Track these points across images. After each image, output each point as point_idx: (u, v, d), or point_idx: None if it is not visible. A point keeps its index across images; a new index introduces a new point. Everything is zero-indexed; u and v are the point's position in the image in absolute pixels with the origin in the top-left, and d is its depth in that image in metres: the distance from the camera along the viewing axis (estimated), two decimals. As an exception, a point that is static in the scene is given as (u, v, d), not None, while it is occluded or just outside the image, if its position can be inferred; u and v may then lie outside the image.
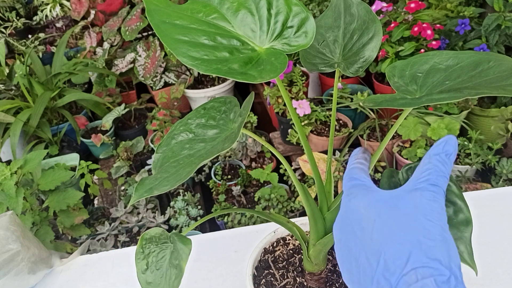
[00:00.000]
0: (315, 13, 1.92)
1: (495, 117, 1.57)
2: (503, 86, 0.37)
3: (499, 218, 0.87)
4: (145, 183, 0.46)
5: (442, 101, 0.38)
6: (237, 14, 0.46)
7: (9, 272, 0.77)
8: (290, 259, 0.67)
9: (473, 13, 1.65)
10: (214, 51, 0.41)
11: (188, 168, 0.44)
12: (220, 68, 0.39)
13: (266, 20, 0.46)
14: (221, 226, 1.60)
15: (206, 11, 0.46)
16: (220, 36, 0.43)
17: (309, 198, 0.55)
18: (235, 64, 0.40)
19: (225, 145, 0.43)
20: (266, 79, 0.39)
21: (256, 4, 0.47)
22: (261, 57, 0.42)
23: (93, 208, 1.67)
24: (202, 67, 0.39)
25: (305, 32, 0.44)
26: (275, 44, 0.45)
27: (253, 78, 0.39)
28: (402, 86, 0.45)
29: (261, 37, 0.45)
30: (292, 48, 0.44)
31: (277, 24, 0.46)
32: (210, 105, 0.55)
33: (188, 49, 0.40)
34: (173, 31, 0.41)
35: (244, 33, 0.45)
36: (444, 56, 0.47)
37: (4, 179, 1.16)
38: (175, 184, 0.43)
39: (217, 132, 0.52)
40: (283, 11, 0.46)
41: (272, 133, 1.99)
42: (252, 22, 0.46)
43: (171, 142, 0.52)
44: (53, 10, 2.90)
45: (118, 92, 2.28)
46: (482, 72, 0.42)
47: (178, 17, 0.43)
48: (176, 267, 0.52)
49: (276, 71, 0.40)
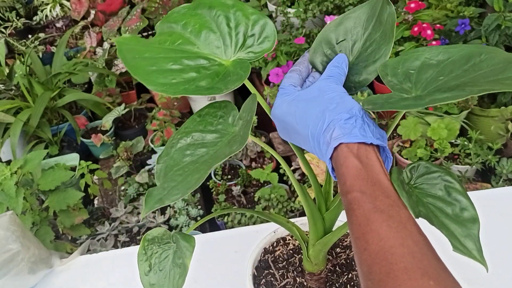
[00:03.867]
0: (315, 13, 1.92)
1: (495, 117, 1.56)
2: (501, 80, 0.37)
3: (499, 218, 0.88)
4: (153, 194, 0.46)
5: (446, 101, 0.38)
6: (200, 35, 0.49)
7: (9, 272, 0.77)
8: (290, 259, 0.67)
9: (473, 13, 1.65)
10: (181, 74, 0.43)
11: (196, 174, 0.44)
12: (188, 88, 0.42)
13: (227, 34, 0.49)
14: (221, 226, 1.60)
15: (172, 39, 0.48)
16: (187, 58, 0.46)
17: (308, 198, 0.55)
18: (203, 81, 0.43)
19: (233, 148, 0.44)
20: (232, 88, 0.42)
21: (215, 22, 0.49)
22: (228, 69, 0.45)
23: (93, 208, 1.67)
24: (171, 90, 0.41)
25: (266, 37, 0.48)
26: (240, 54, 0.47)
27: (219, 90, 0.42)
28: (397, 84, 0.45)
29: (227, 51, 0.48)
30: (257, 54, 0.47)
31: (239, 36, 0.48)
32: (205, 112, 0.54)
33: (157, 77, 0.42)
34: (143, 64, 0.44)
35: (210, 51, 0.48)
36: (434, 51, 0.47)
37: (4, 179, 1.16)
38: (186, 192, 0.43)
39: (217, 136, 0.51)
40: (242, 22, 0.49)
41: (272, 133, 1.99)
42: (215, 39, 0.49)
43: (170, 151, 0.52)
44: (53, 10, 2.90)
45: (118, 92, 2.28)
46: (475, 66, 0.42)
47: (146, 51, 0.46)
48: (179, 266, 0.52)
49: (241, 78, 0.43)
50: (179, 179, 0.46)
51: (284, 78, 0.52)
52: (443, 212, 0.45)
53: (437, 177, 0.48)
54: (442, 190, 0.47)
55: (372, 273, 0.35)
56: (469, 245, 0.42)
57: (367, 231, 0.37)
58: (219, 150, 0.48)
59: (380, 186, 0.39)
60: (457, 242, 0.42)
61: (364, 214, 0.38)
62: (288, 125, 0.47)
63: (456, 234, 0.43)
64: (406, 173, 0.49)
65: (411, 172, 0.49)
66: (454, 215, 0.44)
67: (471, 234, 0.43)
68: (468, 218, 0.44)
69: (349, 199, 0.39)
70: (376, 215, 0.37)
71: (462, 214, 0.44)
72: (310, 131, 0.44)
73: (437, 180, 0.47)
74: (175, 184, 0.46)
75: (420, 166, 0.49)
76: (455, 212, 0.45)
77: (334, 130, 0.41)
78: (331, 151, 0.42)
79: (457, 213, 0.45)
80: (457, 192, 0.46)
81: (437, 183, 0.47)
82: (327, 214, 0.57)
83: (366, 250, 0.36)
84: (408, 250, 0.34)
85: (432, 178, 0.48)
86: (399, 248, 0.35)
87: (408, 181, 0.49)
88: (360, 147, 0.41)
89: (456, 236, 0.43)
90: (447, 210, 0.45)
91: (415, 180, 0.49)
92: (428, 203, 0.46)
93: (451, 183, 0.47)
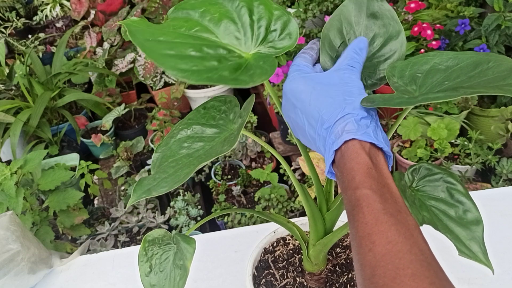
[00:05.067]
0: (315, 13, 1.93)
1: (495, 117, 1.56)
2: (500, 86, 0.37)
3: (499, 218, 0.88)
4: (143, 183, 0.46)
5: (438, 100, 0.38)
6: (219, 24, 0.47)
7: (9, 272, 0.77)
8: (290, 259, 0.67)
9: (473, 13, 1.65)
10: (203, 61, 0.41)
11: (186, 169, 0.44)
12: (211, 77, 0.39)
13: (249, 26, 0.47)
14: (221, 226, 1.59)
15: (188, 26, 0.46)
16: (206, 46, 0.44)
17: (308, 198, 0.55)
18: (225, 72, 0.40)
19: (224, 148, 0.44)
20: (258, 82, 0.40)
21: (238, 12, 0.47)
22: (249, 62, 0.43)
23: (93, 208, 1.67)
24: (193, 78, 0.39)
25: (289, 34, 0.46)
26: (261, 48, 0.46)
27: (244, 82, 0.40)
28: (402, 86, 0.45)
29: (247, 43, 0.46)
30: (278, 50, 0.45)
31: (261, 29, 0.46)
32: (210, 104, 0.55)
33: (176, 62, 0.40)
34: (158, 47, 0.41)
35: (229, 41, 0.46)
36: (444, 56, 0.47)
37: (4, 179, 1.16)
38: (173, 186, 0.43)
39: (216, 131, 0.51)
40: (265, 16, 0.47)
41: (272, 133, 1.99)
42: (235, 30, 0.47)
43: (170, 141, 0.52)
44: (53, 10, 2.90)
45: (118, 92, 2.28)
46: (481, 73, 0.42)
47: (161, 34, 0.43)
48: (180, 267, 0.52)
49: (267, 73, 0.41)
50: (171, 171, 0.47)
51: (297, 57, 0.51)
52: (446, 215, 0.45)
53: (439, 179, 0.48)
54: (444, 192, 0.47)
55: (375, 276, 0.34)
56: (474, 248, 0.42)
57: (374, 232, 0.35)
58: (213, 147, 0.48)
59: (388, 189, 0.39)
60: (462, 246, 0.42)
61: (373, 213, 0.36)
62: (298, 102, 0.46)
63: (461, 237, 0.43)
64: (408, 176, 0.49)
65: (412, 175, 0.49)
66: (457, 218, 0.44)
67: (475, 237, 0.43)
68: (472, 220, 0.44)
69: (358, 195, 0.38)
70: (386, 217, 0.36)
71: (466, 216, 0.44)
72: (321, 115, 0.43)
73: (439, 182, 0.47)
74: (165, 176, 0.46)
75: (422, 168, 0.49)
76: (458, 214, 0.45)
77: (348, 124, 0.41)
78: (340, 143, 0.41)
79: (461, 215, 0.44)
80: (459, 194, 0.46)
81: (439, 185, 0.47)
82: (328, 214, 0.57)
83: (371, 251, 0.35)
84: (416, 257, 0.33)
85: (434, 180, 0.48)
86: (407, 254, 0.33)
87: (410, 184, 0.49)
88: (371, 148, 0.40)
89: (461, 240, 0.43)
90: (450, 213, 0.45)
91: (417, 182, 0.49)
92: (431, 206, 0.46)
93: (453, 184, 0.47)
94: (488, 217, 0.87)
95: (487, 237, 0.81)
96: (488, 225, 0.84)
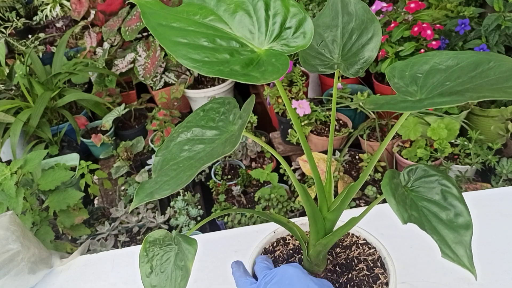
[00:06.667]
0: (315, 13, 1.93)
1: (495, 117, 1.56)
2: (504, 88, 0.37)
3: (499, 218, 0.88)
4: (145, 187, 0.46)
5: (444, 105, 0.38)
6: (234, 16, 0.46)
7: (9, 272, 0.77)
8: (290, 259, 0.67)
9: (473, 13, 1.65)
10: (215, 53, 0.40)
11: (188, 172, 0.44)
12: (222, 70, 0.38)
13: (264, 21, 0.45)
14: (221, 226, 1.59)
15: (203, 13, 0.45)
16: (219, 38, 0.43)
17: (309, 198, 0.55)
18: (237, 66, 0.40)
19: (226, 149, 0.43)
20: (269, 80, 0.39)
21: (254, 6, 0.46)
22: (261, 58, 0.42)
23: (93, 208, 1.67)
24: (204, 69, 0.38)
25: (303, 33, 0.44)
26: (274, 45, 0.44)
27: (256, 79, 0.39)
28: (402, 87, 0.45)
29: (260, 38, 0.45)
30: (291, 49, 0.44)
31: (275, 25, 0.45)
32: (209, 107, 0.55)
33: (188, 51, 0.39)
34: (171, 33, 0.41)
35: (242, 34, 0.45)
36: (444, 56, 0.47)
37: (4, 179, 1.16)
38: (176, 188, 0.43)
39: (216, 133, 0.51)
40: (281, 12, 0.46)
41: (272, 133, 1.99)
42: (250, 23, 0.45)
43: (170, 144, 0.52)
44: (53, 10, 2.90)
45: (118, 92, 2.28)
46: (482, 73, 0.42)
47: (175, 20, 0.43)
48: (181, 268, 0.52)
49: (279, 72, 0.40)
50: (173, 174, 0.46)
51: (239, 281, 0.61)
52: (437, 217, 0.45)
53: (435, 181, 0.48)
54: (438, 194, 0.47)
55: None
56: (459, 252, 0.42)
57: None
58: (215, 149, 0.48)
59: None
60: (447, 249, 0.42)
61: None
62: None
63: (448, 240, 0.42)
64: (403, 176, 0.49)
65: (408, 175, 0.49)
66: (448, 221, 0.44)
67: (463, 240, 0.43)
68: (462, 224, 0.44)
69: None
70: None
71: (457, 219, 0.44)
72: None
73: (434, 184, 0.47)
74: (167, 179, 0.46)
75: (418, 169, 0.49)
76: (449, 217, 0.44)
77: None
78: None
79: (451, 218, 0.44)
80: (453, 197, 0.46)
81: (434, 187, 0.47)
82: (328, 214, 0.57)
83: None
84: None
85: (430, 182, 0.48)
86: None
87: (405, 183, 0.49)
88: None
89: (447, 242, 0.42)
90: (441, 215, 0.45)
91: (412, 183, 0.49)
92: (422, 207, 0.45)
93: (448, 187, 0.47)
94: (488, 217, 0.87)
95: (488, 237, 0.82)
96: (488, 225, 0.84)
